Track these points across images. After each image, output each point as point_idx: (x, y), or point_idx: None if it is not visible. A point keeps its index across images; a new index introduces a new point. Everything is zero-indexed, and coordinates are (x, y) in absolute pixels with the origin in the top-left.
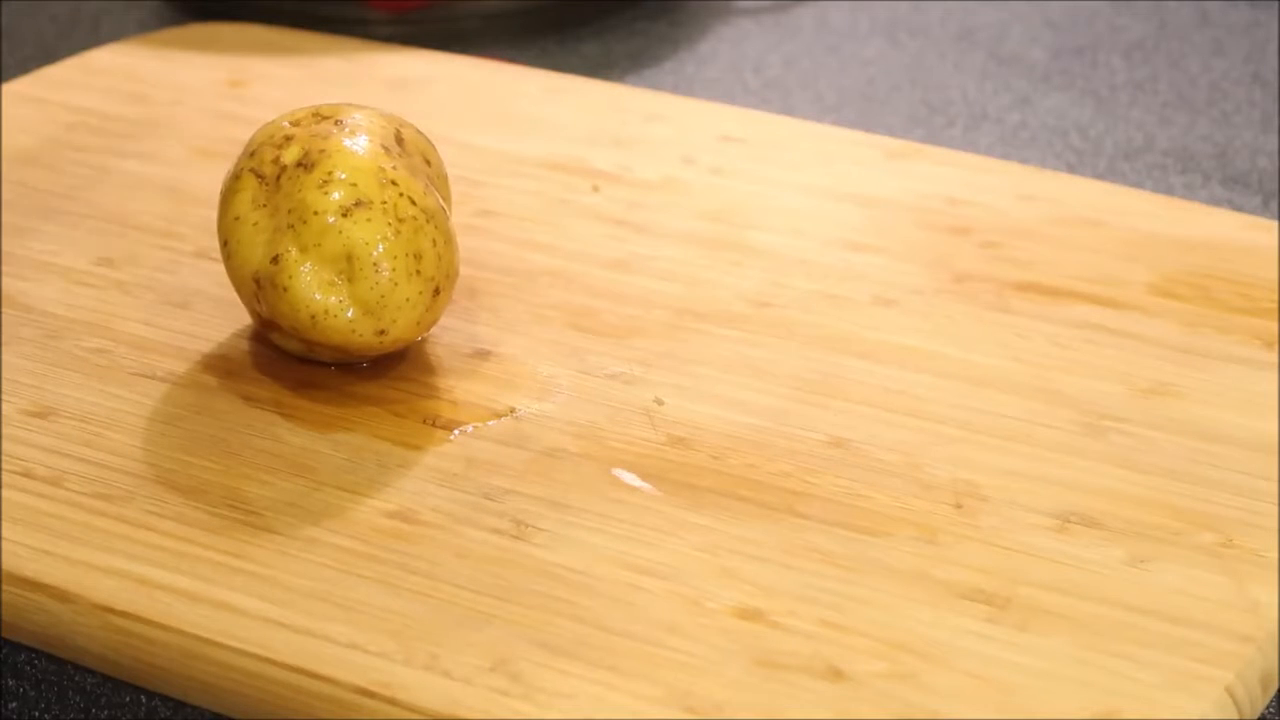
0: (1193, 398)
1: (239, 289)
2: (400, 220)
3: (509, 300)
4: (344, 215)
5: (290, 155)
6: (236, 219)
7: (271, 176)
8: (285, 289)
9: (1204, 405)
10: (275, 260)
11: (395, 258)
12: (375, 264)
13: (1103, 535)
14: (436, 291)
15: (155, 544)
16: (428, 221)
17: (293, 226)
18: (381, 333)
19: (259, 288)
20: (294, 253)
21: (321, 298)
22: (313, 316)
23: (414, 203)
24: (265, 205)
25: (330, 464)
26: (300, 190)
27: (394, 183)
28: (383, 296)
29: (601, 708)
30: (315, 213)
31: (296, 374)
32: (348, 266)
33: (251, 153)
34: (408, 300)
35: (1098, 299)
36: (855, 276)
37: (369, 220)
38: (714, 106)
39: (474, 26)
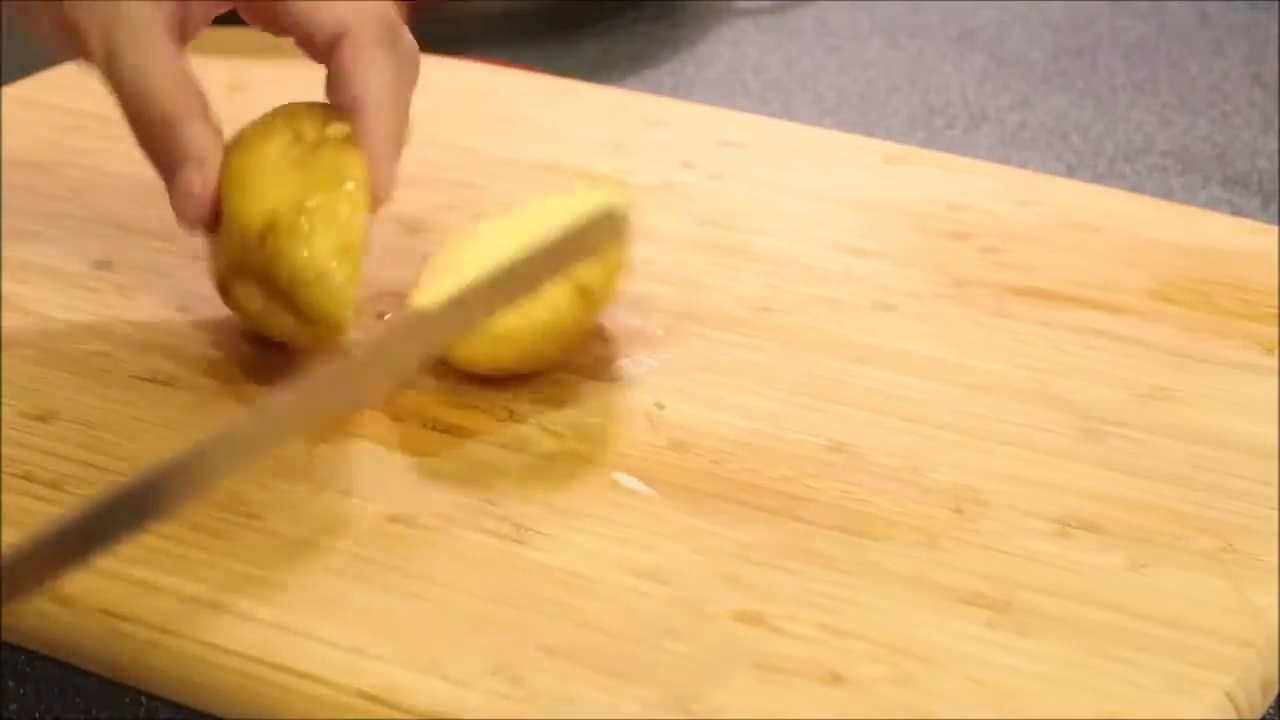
0: (1192, 402)
1: (233, 230)
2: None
3: None
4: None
5: (337, 130)
6: (259, 160)
7: (311, 141)
8: (309, 235)
9: (1203, 410)
10: (310, 208)
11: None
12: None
13: (1102, 540)
14: None
15: (155, 547)
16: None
17: (338, 188)
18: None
19: (269, 230)
20: (334, 208)
21: (334, 264)
22: (319, 274)
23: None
24: (299, 162)
25: (330, 467)
26: (355, 161)
27: None
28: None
29: (602, 711)
30: (364, 185)
31: (297, 377)
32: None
33: (291, 114)
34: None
35: (1097, 304)
36: (855, 281)
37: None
38: (713, 111)
39: (473, 28)
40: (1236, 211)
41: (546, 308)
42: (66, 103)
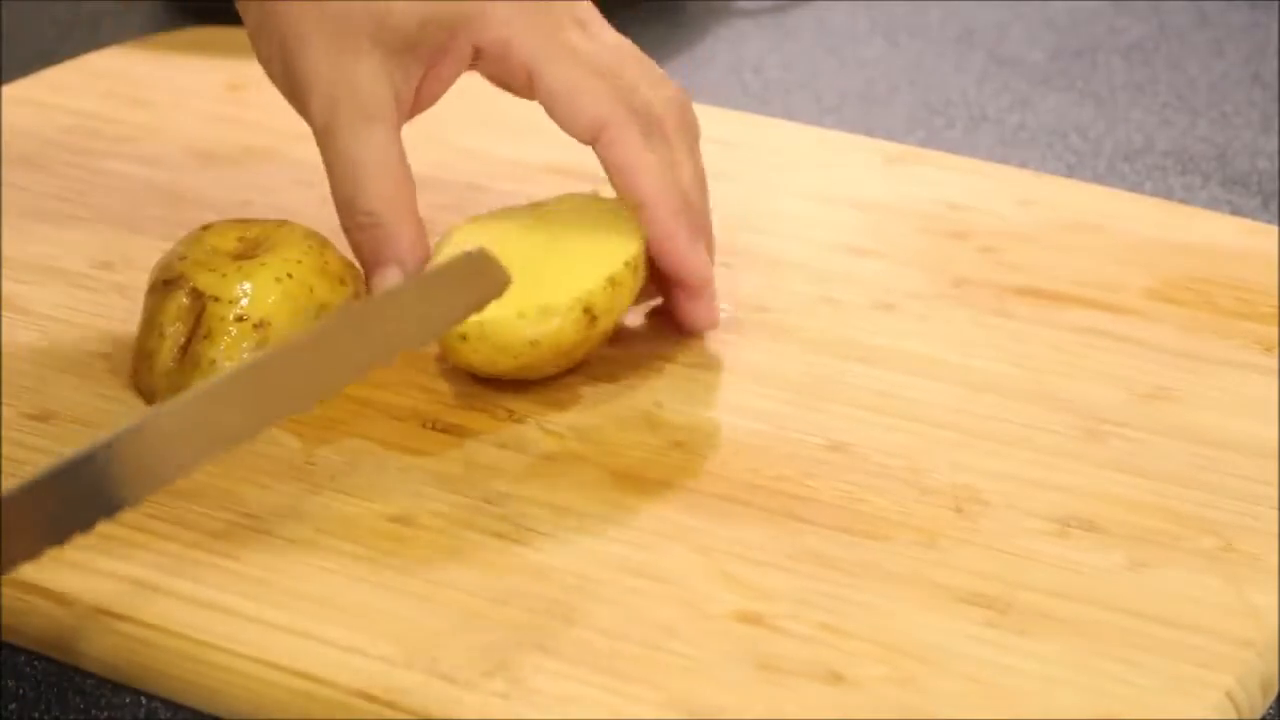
0: (1192, 402)
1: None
2: None
3: None
4: None
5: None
6: None
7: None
8: None
9: (1203, 410)
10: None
11: None
12: None
13: (1103, 540)
14: None
15: (154, 547)
16: None
17: None
18: None
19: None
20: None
21: None
22: None
23: None
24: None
25: (329, 467)
26: None
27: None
28: None
29: (602, 711)
30: None
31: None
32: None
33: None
34: None
35: (1097, 304)
36: (855, 281)
37: None
38: (713, 110)
39: None
40: (1236, 211)
41: (549, 326)
42: (66, 103)
